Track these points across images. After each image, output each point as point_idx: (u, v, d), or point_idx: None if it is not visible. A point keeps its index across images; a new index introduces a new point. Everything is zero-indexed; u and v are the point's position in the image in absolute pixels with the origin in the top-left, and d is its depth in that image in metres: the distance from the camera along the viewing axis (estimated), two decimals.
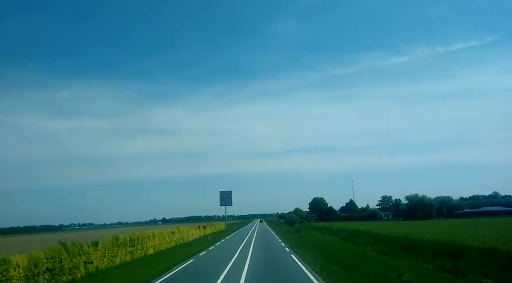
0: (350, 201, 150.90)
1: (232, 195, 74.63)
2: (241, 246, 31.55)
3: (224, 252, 27.21)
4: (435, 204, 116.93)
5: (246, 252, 25.41)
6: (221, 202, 73.67)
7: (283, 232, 57.36)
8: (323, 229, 74.57)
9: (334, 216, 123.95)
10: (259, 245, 32.56)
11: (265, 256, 23.28)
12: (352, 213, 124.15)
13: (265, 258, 21.83)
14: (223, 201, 73.35)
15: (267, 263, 19.58)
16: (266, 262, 19.99)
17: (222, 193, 73.99)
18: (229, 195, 74.02)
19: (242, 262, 19.67)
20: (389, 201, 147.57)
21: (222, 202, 73.61)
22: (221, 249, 31.21)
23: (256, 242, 36.80)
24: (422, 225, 63.89)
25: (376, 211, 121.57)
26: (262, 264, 19.04)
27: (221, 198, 73.60)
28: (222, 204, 73.70)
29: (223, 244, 36.37)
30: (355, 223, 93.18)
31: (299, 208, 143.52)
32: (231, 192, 75.18)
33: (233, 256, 23.11)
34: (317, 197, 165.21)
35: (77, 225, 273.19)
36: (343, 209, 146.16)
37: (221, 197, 73.70)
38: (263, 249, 28.25)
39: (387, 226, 62.34)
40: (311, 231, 68.56)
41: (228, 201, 73.56)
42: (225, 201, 73.04)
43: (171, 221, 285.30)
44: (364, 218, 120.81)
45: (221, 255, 24.85)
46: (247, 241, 38.61)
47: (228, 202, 73.88)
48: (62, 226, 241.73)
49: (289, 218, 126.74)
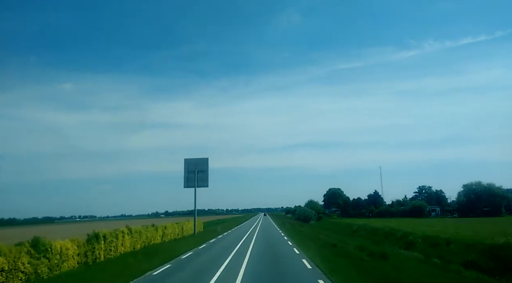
0: (375, 193, 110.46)
1: (208, 168, 35.75)
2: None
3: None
4: (508, 195, 77.50)
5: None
6: (187, 181, 35.12)
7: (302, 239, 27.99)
8: (370, 233, 41.32)
9: (364, 211, 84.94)
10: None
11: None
12: (388, 207, 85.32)
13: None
14: (190, 177, 34.80)
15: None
16: None
17: (189, 163, 35.40)
18: (203, 167, 35.33)
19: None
20: (428, 193, 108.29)
21: (190, 180, 35.03)
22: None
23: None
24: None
25: (423, 205, 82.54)
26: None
27: (188, 172, 35.07)
28: (188, 184, 35.17)
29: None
30: (401, 221, 58.86)
31: (313, 200, 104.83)
32: (207, 160, 36.76)
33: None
34: (334, 188, 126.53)
35: (78, 218, 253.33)
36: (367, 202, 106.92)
37: (187, 170, 35.15)
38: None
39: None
40: (351, 238, 33.41)
41: (202, 178, 34.90)
42: (194, 176, 34.55)
43: (173, 214, 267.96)
44: (405, 214, 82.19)
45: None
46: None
47: (202, 181, 35.18)
48: (63, 218, 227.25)
49: (302, 213, 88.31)
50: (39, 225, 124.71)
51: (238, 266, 14.28)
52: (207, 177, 35.60)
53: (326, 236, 34.10)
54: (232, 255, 18.13)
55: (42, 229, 77.56)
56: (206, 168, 35.72)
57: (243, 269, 13.54)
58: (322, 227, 63.79)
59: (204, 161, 36.18)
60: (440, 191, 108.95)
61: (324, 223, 75.31)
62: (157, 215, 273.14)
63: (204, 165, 35.70)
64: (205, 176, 35.50)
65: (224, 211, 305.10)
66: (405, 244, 30.63)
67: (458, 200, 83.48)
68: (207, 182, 35.63)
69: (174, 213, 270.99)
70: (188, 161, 35.75)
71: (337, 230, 52.83)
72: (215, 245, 25.14)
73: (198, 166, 35.37)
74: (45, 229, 64.40)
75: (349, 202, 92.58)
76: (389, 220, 71.22)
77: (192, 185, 35.31)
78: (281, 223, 64.40)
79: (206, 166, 35.86)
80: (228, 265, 14.78)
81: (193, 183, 35.26)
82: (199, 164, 35.56)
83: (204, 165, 35.74)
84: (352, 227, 52.77)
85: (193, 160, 35.86)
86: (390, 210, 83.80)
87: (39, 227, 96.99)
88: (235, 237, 32.24)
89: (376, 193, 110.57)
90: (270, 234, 35.80)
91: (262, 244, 24.91)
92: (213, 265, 15.07)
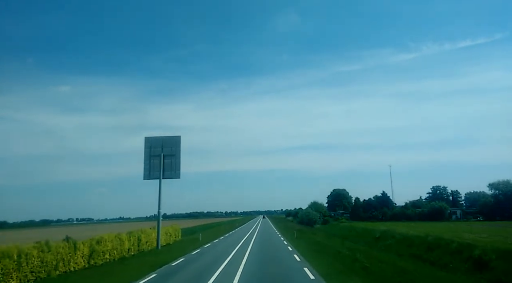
0: (383, 195, 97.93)
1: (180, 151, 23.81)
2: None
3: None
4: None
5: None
6: (149, 169, 23.19)
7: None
8: (401, 243, 29.50)
9: (377, 214, 72.96)
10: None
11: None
12: (404, 210, 73.40)
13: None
14: (154, 164, 22.94)
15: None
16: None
17: (152, 143, 23.55)
18: (173, 150, 23.48)
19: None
20: (444, 194, 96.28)
21: (153, 168, 23.14)
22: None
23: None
24: None
25: (443, 207, 70.63)
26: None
27: (150, 156, 23.21)
28: (151, 175, 23.26)
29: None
30: (425, 226, 47.70)
31: (318, 202, 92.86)
32: (179, 140, 24.71)
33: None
34: (338, 189, 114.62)
35: (75, 220, 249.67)
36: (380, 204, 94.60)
37: (148, 154, 23.29)
38: None
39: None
40: (377, 250, 23.81)
41: (170, 165, 23.06)
42: (159, 163, 22.68)
43: (172, 217, 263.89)
44: (423, 217, 70.22)
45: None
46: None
47: (171, 170, 23.29)
48: (60, 220, 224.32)
49: (306, 216, 76.45)
50: (32, 228, 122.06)
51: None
52: (178, 163, 23.92)
53: (351, 252, 22.36)
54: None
55: (29, 232, 71.61)
56: (178, 151, 24.05)
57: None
58: (332, 232, 52.02)
59: (174, 140, 24.38)
60: (456, 191, 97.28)
61: (333, 227, 63.23)
62: (155, 217, 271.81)
63: (174, 147, 24.02)
64: (175, 163, 23.80)
65: (223, 213, 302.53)
66: (473, 263, 19.00)
67: (485, 201, 71.47)
68: (179, 171, 23.92)
69: (172, 215, 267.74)
70: (150, 141, 24.05)
71: (353, 237, 41.14)
72: (171, 278, 13.40)
73: (165, 149, 23.71)
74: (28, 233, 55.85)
75: (359, 203, 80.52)
76: (408, 224, 59.30)
77: (156, 175, 23.55)
78: (284, 228, 52.68)
79: (178, 149, 24.19)
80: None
81: (158, 173, 23.49)
82: (167, 145, 23.92)
83: (174, 147, 24.05)
84: (373, 234, 40.89)
85: (158, 139, 24.17)
86: (406, 213, 71.91)
87: (30, 230, 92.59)
88: (220, 251, 20.95)
89: (384, 195, 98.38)
90: (271, 245, 24.22)
91: (258, 270, 13.56)
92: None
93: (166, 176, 23.61)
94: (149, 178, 23.53)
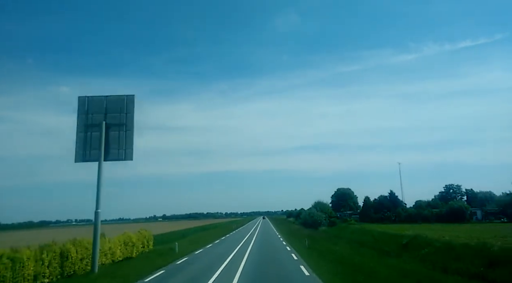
0: (391, 194, 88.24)
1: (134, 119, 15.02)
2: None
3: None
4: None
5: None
6: (84, 145, 14.45)
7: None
8: (441, 253, 20.28)
9: (389, 215, 64.11)
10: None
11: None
12: (420, 210, 64.59)
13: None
14: (92, 137, 14.21)
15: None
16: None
17: (90, 107, 14.83)
18: (122, 118, 14.86)
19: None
20: (457, 193, 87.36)
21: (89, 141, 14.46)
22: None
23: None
24: None
25: (464, 207, 61.79)
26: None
27: (85, 125, 14.49)
28: (85, 155, 14.56)
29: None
30: (450, 229, 39.11)
31: (322, 202, 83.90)
32: (132, 100, 15.27)
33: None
34: (343, 188, 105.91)
35: (74, 221, 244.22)
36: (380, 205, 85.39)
37: (83, 122, 14.56)
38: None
39: None
40: (408, 262, 17.48)
41: (117, 139, 14.35)
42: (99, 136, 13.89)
43: (171, 218, 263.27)
44: (441, 218, 61.46)
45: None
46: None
47: (119, 151, 14.58)
48: (59, 222, 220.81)
49: (309, 217, 67.46)
50: (31, 229, 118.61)
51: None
52: (131, 138, 15.05)
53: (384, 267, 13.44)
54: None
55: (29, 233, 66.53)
56: (130, 119, 15.22)
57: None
58: (341, 236, 43.29)
59: (124, 102, 15.18)
60: (471, 190, 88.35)
61: (342, 230, 54.13)
62: (155, 218, 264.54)
63: (124, 112, 15.13)
64: (126, 137, 14.99)
65: (223, 214, 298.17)
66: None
67: (510, 201, 62.68)
68: (131, 149, 14.92)
69: (172, 216, 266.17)
70: (87, 102, 15.15)
71: (370, 243, 32.46)
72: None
73: (110, 114, 15.01)
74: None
75: (369, 203, 71.60)
76: (428, 226, 50.39)
77: (94, 158, 14.81)
78: (288, 233, 43.83)
79: (130, 115, 15.26)
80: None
81: (98, 152, 14.76)
82: (112, 109, 15.12)
83: (124, 113, 15.13)
84: (396, 239, 31.94)
85: (99, 99, 15.23)
86: (423, 214, 63.09)
87: (29, 232, 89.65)
88: (196, 273, 12.44)
89: (392, 194, 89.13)
90: (275, 265, 15.38)
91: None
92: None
93: (110, 158, 14.84)
94: (84, 160, 14.76)
